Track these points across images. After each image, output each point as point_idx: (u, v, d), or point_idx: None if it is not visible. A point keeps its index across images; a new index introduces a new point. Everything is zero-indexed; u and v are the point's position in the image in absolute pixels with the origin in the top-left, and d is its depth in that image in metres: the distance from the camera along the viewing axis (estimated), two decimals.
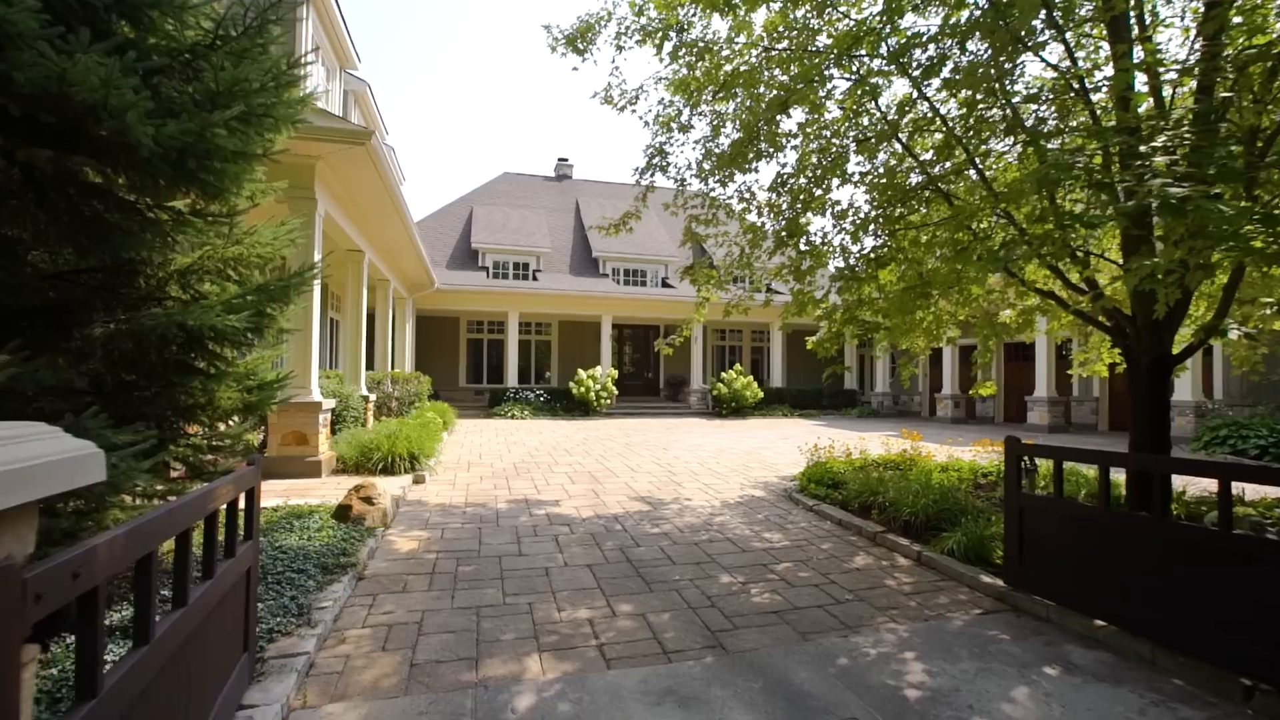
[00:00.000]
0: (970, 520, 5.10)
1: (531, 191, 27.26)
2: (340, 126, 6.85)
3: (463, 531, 5.34)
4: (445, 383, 21.20)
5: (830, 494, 6.63)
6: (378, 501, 5.32)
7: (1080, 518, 3.63)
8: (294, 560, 4.09)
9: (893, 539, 5.15)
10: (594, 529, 5.54)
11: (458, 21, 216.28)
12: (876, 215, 5.07)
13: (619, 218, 6.28)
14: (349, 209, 9.24)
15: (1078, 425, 15.76)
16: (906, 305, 5.04)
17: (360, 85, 12.01)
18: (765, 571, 4.46)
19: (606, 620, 3.56)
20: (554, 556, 4.73)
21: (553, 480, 7.85)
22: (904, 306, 5.02)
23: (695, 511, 6.25)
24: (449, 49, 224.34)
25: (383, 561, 4.52)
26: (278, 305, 4.11)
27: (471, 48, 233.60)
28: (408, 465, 7.51)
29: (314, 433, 7.19)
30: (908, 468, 7.98)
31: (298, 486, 6.57)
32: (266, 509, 5.38)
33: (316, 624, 3.28)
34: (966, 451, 9.98)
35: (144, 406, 4.03)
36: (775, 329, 22.14)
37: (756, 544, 5.16)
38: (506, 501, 6.56)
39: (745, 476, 8.37)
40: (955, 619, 3.66)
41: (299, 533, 4.69)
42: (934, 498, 5.66)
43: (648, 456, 10.20)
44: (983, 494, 6.54)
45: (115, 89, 2.35)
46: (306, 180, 7.32)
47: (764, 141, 5.66)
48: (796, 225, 5.88)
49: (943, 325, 6.04)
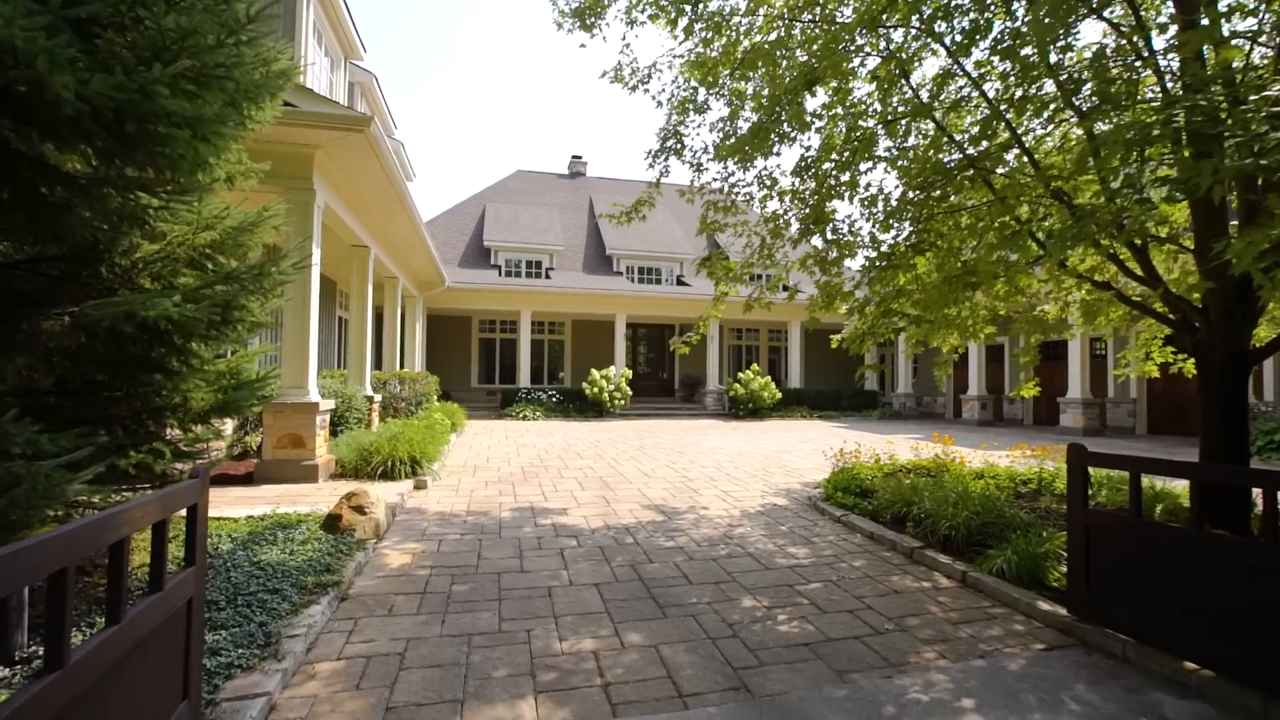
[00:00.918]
0: (1019, 536, 4.61)
1: (545, 189, 26.94)
2: (337, 112, 6.49)
3: (461, 544, 4.94)
4: (457, 383, 20.93)
5: (859, 503, 6.14)
6: (370, 511, 4.94)
7: (1167, 541, 3.12)
8: (270, 578, 3.71)
9: (932, 556, 4.66)
10: (603, 542, 5.11)
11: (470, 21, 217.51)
12: (912, 199, 4.57)
13: (631, 204, 5.84)
14: (352, 202, 8.91)
15: (1113, 428, 15.04)
16: (946, 297, 4.54)
17: (366, 77, 11.70)
18: (792, 594, 4.00)
19: (614, 653, 3.13)
20: (558, 574, 4.30)
21: (561, 486, 7.44)
22: (943, 299, 4.53)
23: (713, 522, 5.79)
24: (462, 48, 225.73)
25: (370, 579, 4.12)
26: (252, 297, 3.72)
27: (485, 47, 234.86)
28: (409, 470, 7.14)
29: (311, 435, 6.84)
30: (940, 474, 7.46)
31: (290, 492, 6.22)
32: (252, 518, 5.02)
33: (284, 656, 2.89)
34: (1002, 456, 9.42)
35: (111, 407, 3.68)
36: (794, 327, 21.58)
37: (781, 560, 4.70)
38: (511, 510, 6.16)
39: (765, 483, 7.89)
40: (1015, 656, 3.17)
41: (281, 546, 4.32)
42: (975, 509, 5.16)
43: (662, 460, 9.76)
44: (1025, 504, 6.02)
45: (23, 30, 1.96)
46: (304, 170, 6.99)
47: (786, 123, 5.19)
48: (822, 212, 5.41)
49: (979, 321, 5.54)
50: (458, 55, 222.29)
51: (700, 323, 6.55)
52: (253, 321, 3.77)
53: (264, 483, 6.64)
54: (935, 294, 4.50)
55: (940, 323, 4.56)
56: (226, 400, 3.91)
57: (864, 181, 5.02)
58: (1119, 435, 14.34)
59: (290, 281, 4.03)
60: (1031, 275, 4.46)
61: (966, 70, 4.69)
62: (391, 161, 7.70)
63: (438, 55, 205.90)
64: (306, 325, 6.98)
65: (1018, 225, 4.23)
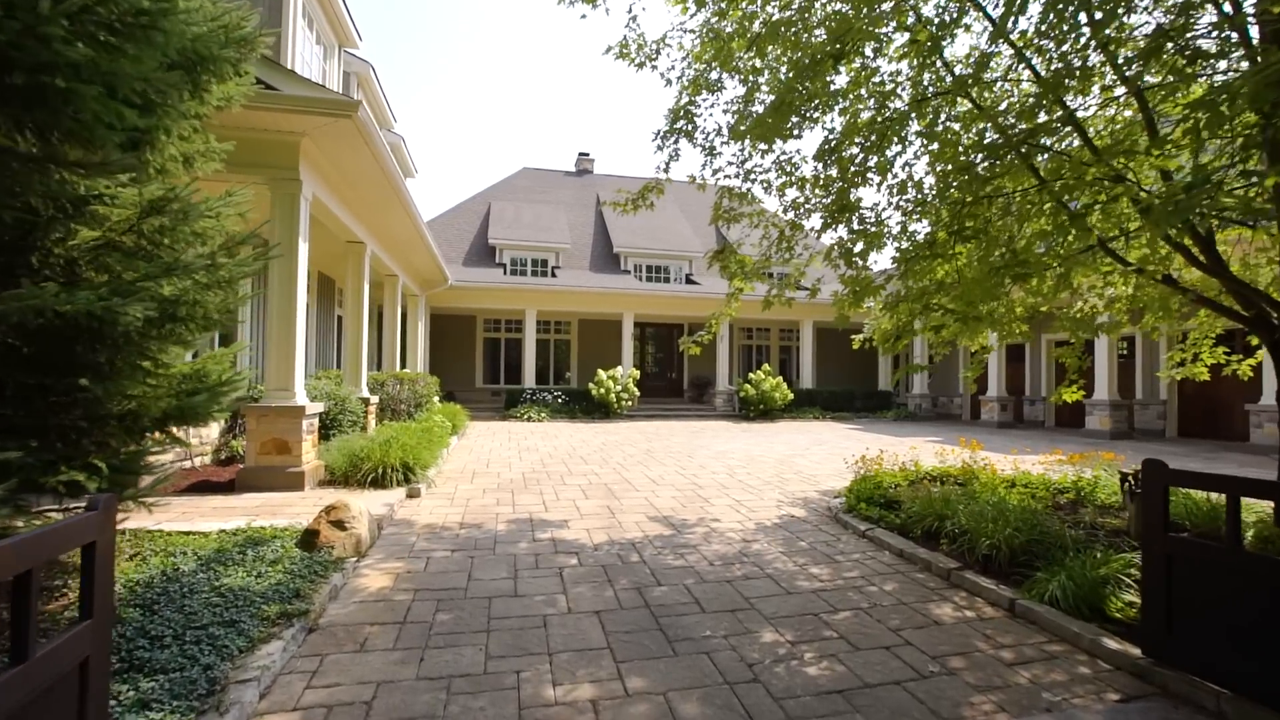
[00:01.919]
0: (1070, 557, 4.12)
1: (551, 187, 26.54)
2: (322, 95, 6.08)
3: (450, 563, 4.50)
4: (461, 383, 20.56)
5: (885, 516, 5.65)
6: (350, 526, 4.51)
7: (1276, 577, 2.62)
8: (229, 607, 3.29)
9: (972, 579, 4.18)
10: (606, 560, 4.66)
11: (476, 17, 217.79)
12: (952, 183, 4.09)
13: (638, 191, 5.37)
14: (345, 196, 8.51)
15: (1141, 431, 14.42)
16: (988, 291, 4.06)
17: (362, 67, 11.30)
18: (819, 625, 3.53)
19: (616, 703, 2.67)
20: (555, 599, 3.85)
21: (564, 494, 7.00)
22: (985, 292, 4.05)
23: (726, 537, 5.33)
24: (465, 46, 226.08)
25: (344, 605, 3.69)
26: (209, 292, 3.30)
27: (489, 44, 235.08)
28: (401, 477, 6.72)
29: (296, 440, 6.43)
30: (970, 483, 6.96)
31: (272, 502, 5.81)
32: (224, 533, 4.61)
33: (228, 709, 2.45)
34: (1033, 463, 8.88)
35: (51, 416, 3.27)
36: (806, 326, 21.05)
37: (803, 583, 4.23)
38: (508, 521, 5.72)
39: (781, 491, 7.41)
40: (1088, 709, 2.69)
41: (249, 566, 3.90)
42: (1015, 524, 4.67)
43: (671, 466, 9.29)
44: (1065, 516, 5.51)
45: None
46: (289, 159, 6.58)
47: (808, 101, 4.72)
48: (847, 201, 4.93)
49: (1014, 318, 5.05)
50: (459, 55, 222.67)
51: (712, 320, 6.10)
52: (207, 319, 3.35)
53: (246, 491, 6.24)
54: (976, 287, 4.02)
55: (988, 319, 4.07)
56: (182, 406, 3.50)
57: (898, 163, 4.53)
58: (1148, 439, 13.73)
59: (250, 274, 3.61)
60: (1091, 266, 3.96)
61: (1012, 40, 4.19)
62: (384, 152, 7.28)
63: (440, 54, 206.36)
64: (292, 323, 6.57)
65: (1067, 215, 3.74)
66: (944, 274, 4.28)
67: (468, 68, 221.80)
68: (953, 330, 3.90)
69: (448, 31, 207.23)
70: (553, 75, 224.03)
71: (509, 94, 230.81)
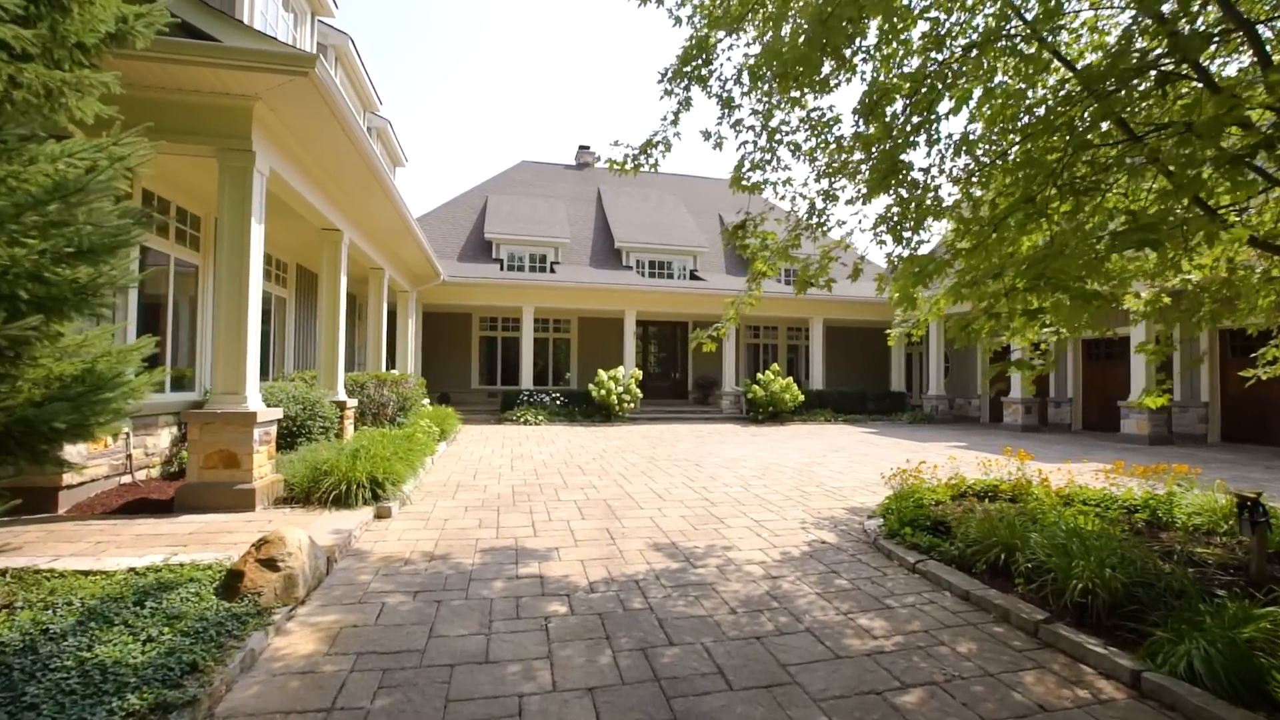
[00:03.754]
0: (1186, 605, 3.24)
1: (550, 180, 25.65)
2: (269, 49, 5.18)
3: (408, 612, 3.61)
4: (456, 384, 19.69)
5: (937, 544, 4.75)
6: (284, 564, 3.62)
7: None
8: (86, 695, 2.40)
9: (1069, 637, 3.27)
10: (603, 605, 3.77)
11: (480, 21, 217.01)
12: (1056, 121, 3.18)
13: (640, 146, 4.47)
14: (315, 176, 7.62)
15: (1180, 435, 13.47)
16: (1094, 265, 3.14)
17: (340, 39, 10.38)
18: (886, 712, 2.64)
19: None
20: (535, 671, 2.96)
21: (556, 513, 6.10)
22: (1090, 267, 3.13)
23: (747, 572, 4.43)
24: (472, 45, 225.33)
25: (255, 682, 2.79)
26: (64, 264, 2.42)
27: (490, 38, 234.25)
28: (368, 494, 5.82)
29: (247, 452, 5.54)
30: (1023, 499, 6.06)
31: (210, 528, 4.92)
32: (133, 571, 3.72)
33: None
34: (1090, 475, 7.96)
35: None
36: (815, 323, 20.13)
37: (853, 640, 3.33)
38: (487, 551, 4.82)
39: (804, 507, 6.51)
40: None
41: (142, 625, 3.01)
42: (1107, 559, 3.77)
43: (678, 476, 8.39)
44: (1148, 543, 4.61)
45: None
46: (240, 128, 5.69)
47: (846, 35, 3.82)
48: (896, 163, 4.03)
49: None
50: (459, 55, 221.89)
51: (730, 307, 5.21)
52: (59, 298, 2.46)
53: (187, 511, 5.36)
54: (1074, 260, 3.10)
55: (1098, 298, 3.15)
56: (30, 419, 2.60)
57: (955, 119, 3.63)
58: (1189, 444, 12.79)
59: (127, 242, 2.72)
60: (1231, 234, 3.05)
61: None
62: (353, 122, 6.39)
63: (440, 54, 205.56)
64: (242, 317, 5.69)
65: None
66: (1027, 247, 3.39)
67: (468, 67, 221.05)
68: (1063, 314, 3.01)
69: (448, 30, 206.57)
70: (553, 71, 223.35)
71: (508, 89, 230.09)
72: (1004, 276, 2.97)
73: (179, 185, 7.25)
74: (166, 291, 7.31)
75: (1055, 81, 4.08)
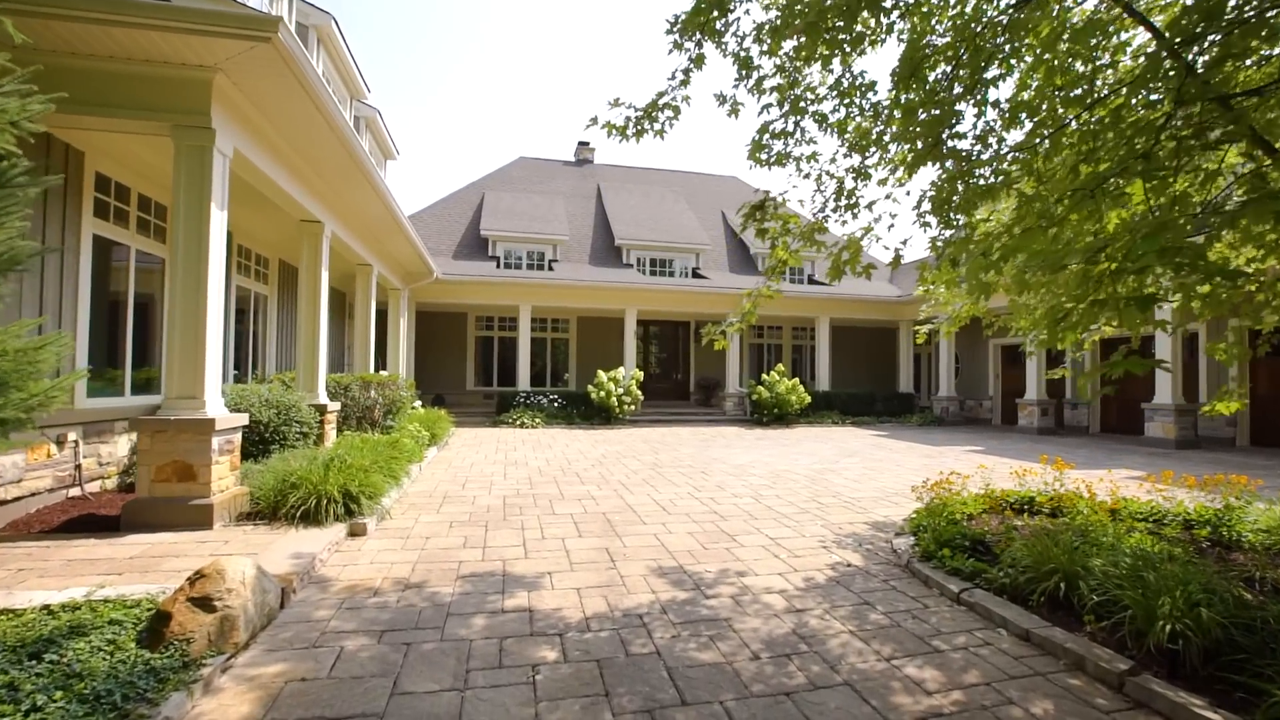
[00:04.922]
0: None
1: (549, 177, 25.08)
2: (225, 10, 4.62)
3: (367, 660, 3.03)
4: (451, 386, 19.11)
5: (981, 569, 4.17)
6: (221, 603, 3.04)
7: None
8: None
9: (1166, 695, 2.70)
10: (601, 649, 3.19)
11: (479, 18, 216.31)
12: None
13: (643, 109, 3.88)
14: (286, 158, 7.04)
15: (1207, 439, 12.89)
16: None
17: (321, 18, 9.79)
18: None
19: None
20: None
21: (550, 530, 5.52)
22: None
23: (767, 604, 3.85)
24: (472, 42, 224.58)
25: None
26: None
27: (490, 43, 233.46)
28: (341, 509, 5.25)
29: (205, 464, 4.97)
30: (1068, 513, 5.48)
31: (155, 550, 4.34)
32: (47, 609, 3.15)
33: None
34: (1125, 482, 7.36)
35: None
36: (822, 323, 19.55)
37: (902, 697, 2.75)
38: (469, 576, 4.25)
39: (823, 522, 5.93)
40: None
41: (32, 685, 2.43)
42: (1195, 593, 3.20)
43: (683, 485, 7.81)
44: (1225, 568, 4.03)
45: None
46: (198, 103, 5.12)
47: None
48: (939, 135, 3.46)
49: None
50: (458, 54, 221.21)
51: (747, 299, 4.63)
52: None
53: (135, 530, 4.79)
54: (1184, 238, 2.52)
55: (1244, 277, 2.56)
56: None
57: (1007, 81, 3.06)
58: (1217, 448, 12.21)
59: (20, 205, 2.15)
60: None
61: None
62: (326, 98, 5.82)
63: (439, 53, 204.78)
64: (202, 314, 5.12)
65: None
66: (1114, 224, 2.82)
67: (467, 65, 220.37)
68: (1203, 297, 2.44)
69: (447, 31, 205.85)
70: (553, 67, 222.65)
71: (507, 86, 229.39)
72: (1105, 256, 2.38)
73: (140, 170, 6.68)
74: (127, 287, 6.72)
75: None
